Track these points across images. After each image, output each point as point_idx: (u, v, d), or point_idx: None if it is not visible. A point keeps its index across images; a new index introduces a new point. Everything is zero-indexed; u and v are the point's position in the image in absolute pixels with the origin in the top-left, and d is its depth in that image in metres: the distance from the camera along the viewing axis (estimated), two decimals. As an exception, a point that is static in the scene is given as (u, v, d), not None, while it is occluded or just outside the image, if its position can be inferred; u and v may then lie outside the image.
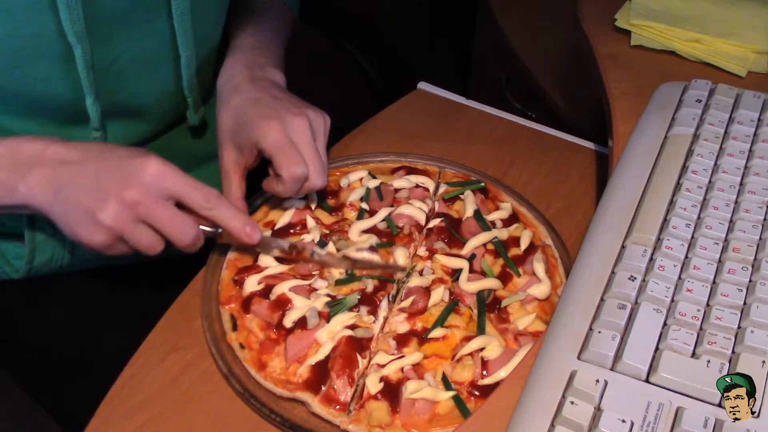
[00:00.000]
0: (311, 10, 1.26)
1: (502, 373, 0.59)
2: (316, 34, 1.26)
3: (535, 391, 0.49)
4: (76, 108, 0.65)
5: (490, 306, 0.65)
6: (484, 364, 0.60)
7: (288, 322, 0.62)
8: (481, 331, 0.63)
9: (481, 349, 0.61)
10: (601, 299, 0.54)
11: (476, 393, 0.59)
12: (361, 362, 0.61)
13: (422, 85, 0.96)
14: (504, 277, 0.68)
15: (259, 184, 0.71)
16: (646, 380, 0.49)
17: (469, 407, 0.58)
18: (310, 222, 0.71)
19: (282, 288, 0.65)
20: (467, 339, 0.62)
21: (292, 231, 0.71)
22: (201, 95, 0.76)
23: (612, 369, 0.49)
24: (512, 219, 0.74)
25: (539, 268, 0.67)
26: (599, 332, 0.51)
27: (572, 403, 0.47)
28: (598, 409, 0.47)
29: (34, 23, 0.58)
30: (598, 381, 0.48)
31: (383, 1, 1.42)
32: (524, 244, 0.71)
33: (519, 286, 0.67)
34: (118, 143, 0.71)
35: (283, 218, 0.72)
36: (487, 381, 0.59)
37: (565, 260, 0.70)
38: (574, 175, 0.82)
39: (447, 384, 0.59)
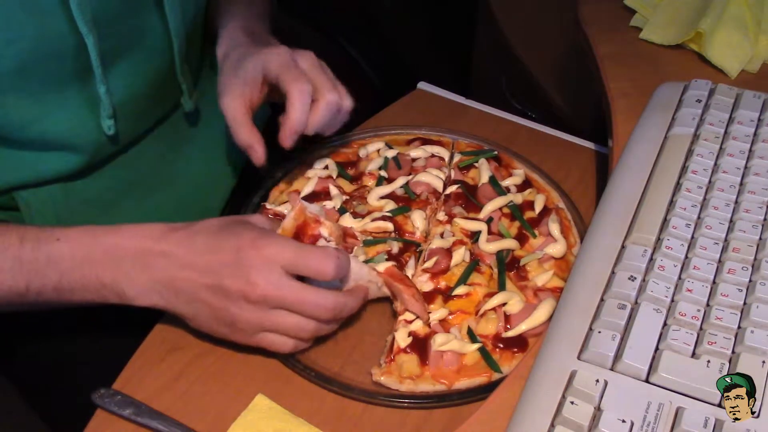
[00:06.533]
0: (311, 10, 1.26)
1: (523, 326, 0.62)
2: (316, 34, 1.26)
3: (535, 391, 0.49)
4: (89, 100, 0.66)
5: (509, 265, 0.69)
6: (507, 318, 0.63)
7: None
8: (502, 287, 0.66)
9: (503, 305, 0.64)
10: (601, 299, 0.54)
11: (500, 345, 0.62)
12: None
13: (422, 85, 0.96)
14: (520, 239, 0.71)
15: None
16: (646, 380, 0.49)
17: (495, 358, 0.61)
18: (333, 190, 0.75)
19: None
20: (489, 295, 0.65)
21: (315, 199, 0.74)
22: (192, 80, 0.77)
23: (612, 369, 0.49)
24: (525, 185, 0.77)
25: (554, 228, 0.71)
26: (599, 332, 0.51)
27: (572, 403, 0.47)
28: (598, 409, 0.47)
29: (38, 24, 0.58)
30: (598, 381, 0.48)
31: (383, 1, 1.42)
32: (538, 207, 0.74)
33: (535, 246, 0.71)
34: (128, 134, 0.73)
35: (307, 187, 0.75)
36: (510, 333, 0.62)
37: (578, 222, 0.73)
38: (574, 175, 0.82)
39: (473, 337, 0.62)
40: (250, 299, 0.56)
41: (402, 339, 0.62)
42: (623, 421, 0.45)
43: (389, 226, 0.71)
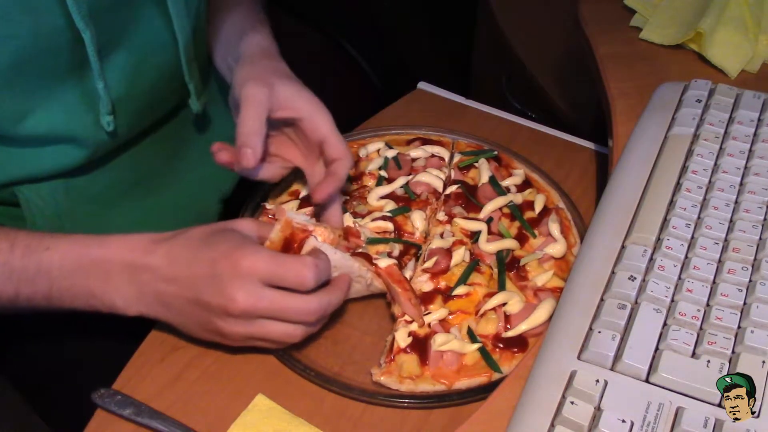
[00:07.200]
0: (311, 10, 1.26)
1: (523, 326, 0.62)
2: (316, 34, 1.26)
3: (535, 391, 0.49)
4: (87, 95, 0.66)
5: (509, 265, 0.69)
6: (507, 318, 0.63)
7: None
8: (501, 287, 0.66)
9: (503, 305, 0.64)
10: (601, 299, 0.54)
11: (500, 345, 0.62)
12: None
13: (422, 85, 0.96)
14: (520, 239, 0.71)
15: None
16: (646, 380, 0.49)
17: (495, 358, 0.61)
18: None
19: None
20: (489, 295, 0.65)
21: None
22: (201, 81, 0.77)
23: (612, 369, 0.49)
24: (525, 185, 0.77)
25: (554, 228, 0.71)
26: (599, 332, 0.51)
27: (572, 403, 0.47)
28: (598, 409, 0.47)
29: (33, 20, 0.58)
30: (598, 381, 0.48)
31: (383, 1, 1.42)
32: (538, 207, 0.74)
33: (535, 246, 0.71)
34: (128, 130, 0.72)
35: (307, 187, 0.75)
36: (510, 333, 0.63)
37: (578, 222, 0.73)
38: (574, 175, 0.82)
39: (473, 337, 0.62)
40: (232, 313, 0.56)
41: (402, 339, 0.62)
42: (623, 421, 0.45)
43: (389, 226, 0.71)
